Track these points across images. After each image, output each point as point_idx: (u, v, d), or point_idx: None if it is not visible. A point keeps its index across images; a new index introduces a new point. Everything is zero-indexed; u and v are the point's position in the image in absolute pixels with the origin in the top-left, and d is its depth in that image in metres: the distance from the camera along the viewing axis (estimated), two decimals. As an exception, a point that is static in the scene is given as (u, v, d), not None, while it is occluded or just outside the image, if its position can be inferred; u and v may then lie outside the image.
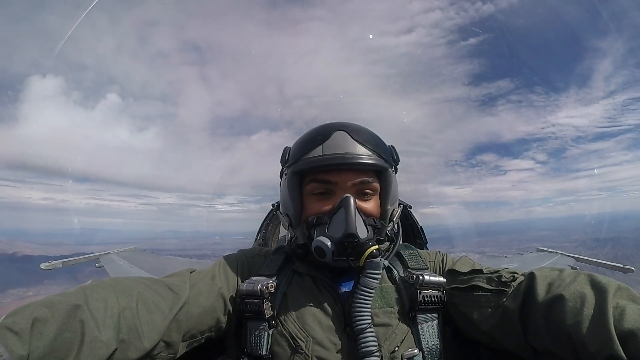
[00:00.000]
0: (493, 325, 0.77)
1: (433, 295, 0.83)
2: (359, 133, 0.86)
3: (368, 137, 0.88)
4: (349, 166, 0.83)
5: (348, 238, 0.77)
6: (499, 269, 0.83)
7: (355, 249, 0.77)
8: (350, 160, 0.82)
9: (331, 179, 0.83)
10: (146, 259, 3.79)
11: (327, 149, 0.83)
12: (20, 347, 0.49)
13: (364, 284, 0.78)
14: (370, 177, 0.86)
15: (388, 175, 0.88)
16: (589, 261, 3.38)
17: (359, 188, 0.84)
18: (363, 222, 0.82)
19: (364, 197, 0.86)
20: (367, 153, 0.84)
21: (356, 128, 0.88)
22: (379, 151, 0.87)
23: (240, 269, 0.93)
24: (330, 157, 0.82)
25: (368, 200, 0.86)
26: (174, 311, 0.73)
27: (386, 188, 0.88)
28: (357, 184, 0.84)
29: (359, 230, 0.78)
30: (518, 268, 0.84)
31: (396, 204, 0.92)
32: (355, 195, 0.83)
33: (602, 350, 0.56)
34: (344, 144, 0.83)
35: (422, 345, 0.80)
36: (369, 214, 0.85)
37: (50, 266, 3.29)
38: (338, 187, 0.84)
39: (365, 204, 0.85)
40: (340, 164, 0.82)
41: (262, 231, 1.95)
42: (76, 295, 0.62)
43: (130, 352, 0.64)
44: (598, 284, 0.64)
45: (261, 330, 0.81)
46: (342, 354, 0.77)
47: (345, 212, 0.79)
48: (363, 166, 0.84)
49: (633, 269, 2.87)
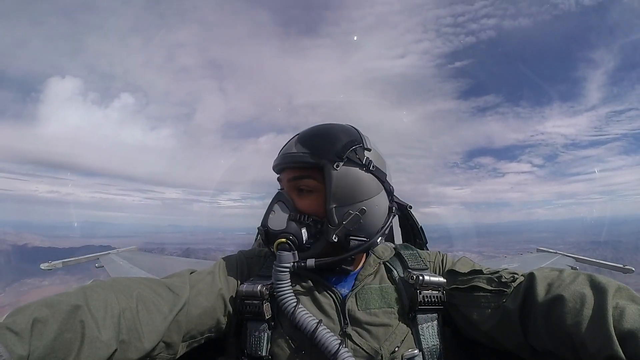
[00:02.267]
0: (493, 325, 0.77)
1: (433, 296, 0.83)
2: (306, 136, 0.89)
3: (311, 138, 0.88)
4: (283, 164, 0.89)
5: (262, 228, 0.85)
6: (499, 270, 0.83)
7: (269, 239, 0.84)
8: (282, 159, 0.88)
9: (280, 177, 0.92)
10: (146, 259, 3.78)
11: (280, 152, 0.92)
12: (20, 347, 0.49)
13: (274, 276, 0.80)
14: (304, 174, 0.85)
15: (327, 172, 0.82)
16: (589, 261, 3.37)
17: (294, 184, 0.87)
18: (288, 217, 0.83)
19: (299, 194, 0.87)
20: (297, 152, 0.87)
21: (309, 131, 0.91)
22: (314, 149, 0.84)
23: (240, 269, 0.93)
24: (277, 158, 0.91)
25: (303, 197, 0.86)
26: (174, 312, 0.73)
27: (327, 186, 0.82)
28: (291, 180, 0.87)
29: (272, 222, 0.83)
30: (518, 268, 0.84)
31: (356, 205, 0.83)
32: (293, 192, 0.87)
33: (601, 350, 0.56)
34: (288, 147, 0.90)
35: (422, 346, 0.79)
36: (302, 211, 0.85)
37: (50, 266, 3.28)
38: (283, 184, 0.90)
39: (300, 201, 0.86)
40: (277, 163, 0.90)
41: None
42: (76, 295, 0.62)
43: (130, 353, 0.64)
44: (598, 284, 0.64)
45: (261, 331, 0.81)
46: None
47: (269, 204, 0.87)
48: (291, 164, 0.87)
49: (633, 269, 2.87)
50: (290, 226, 0.82)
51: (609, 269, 3.10)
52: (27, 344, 0.50)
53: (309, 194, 0.85)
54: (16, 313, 0.54)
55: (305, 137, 0.89)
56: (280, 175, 0.92)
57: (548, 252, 3.91)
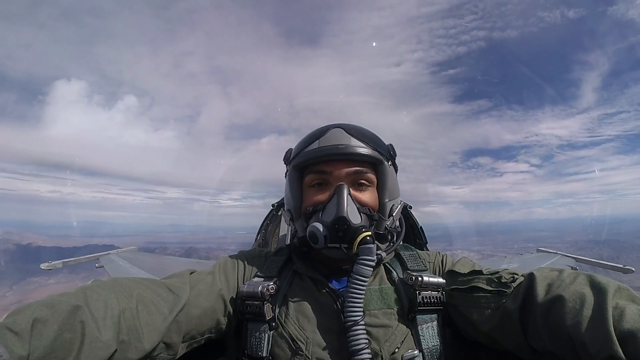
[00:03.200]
0: (493, 326, 0.77)
1: (432, 296, 0.83)
2: (354, 129, 0.90)
3: (363, 132, 0.90)
4: (342, 156, 0.86)
5: (339, 221, 0.78)
6: (498, 270, 0.82)
7: (347, 234, 0.78)
8: (343, 151, 0.85)
9: (326, 169, 0.86)
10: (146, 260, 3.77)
11: (323, 142, 0.87)
12: (20, 347, 0.49)
13: (357, 271, 0.77)
14: (365, 168, 0.87)
15: (384, 168, 0.89)
16: (589, 261, 3.37)
17: (354, 178, 0.86)
18: (357, 210, 0.83)
19: (359, 188, 0.87)
20: (360, 145, 0.86)
21: (352, 125, 0.91)
22: (374, 144, 0.88)
23: (240, 270, 0.93)
24: (325, 148, 0.86)
25: (363, 191, 0.88)
26: (174, 312, 0.73)
27: (383, 180, 0.89)
28: (352, 174, 0.86)
29: (351, 214, 0.80)
30: (518, 268, 0.84)
31: (396, 200, 0.93)
32: (351, 185, 0.86)
33: (601, 350, 0.56)
34: (339, 138, 0.87)
35: (422, 346, 0.79)
36: (364, 204, 0.86)
37: (50, 266, 3.27)
38: (333, 177, 0.86)
39: (361, 194, 0.86)
40: (334, 154, 0.86)
41: (262, 231, 1.94)
42: (76, 295, 0.62)
43: (130, 353, 0.64)
44: (598, 285, 0.64)
45: (262, 332, 0.81)
46: (342, 355, 0.77)
47: (337, 197, 0.81)
48: (356, 156, 0.86)
49: (633, 269, 2.86)
50: (364, 220, 0.83)
51: (608, 269, 3.09)
52: (27, 344, 0.50)
53: (367, 187, 0.88)
54: (16, 313, 0.54)
55: (357, 132, 0.89)
56: (325, 166, 0.87)
57: (548, 252, 3.91)
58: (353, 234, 0.78)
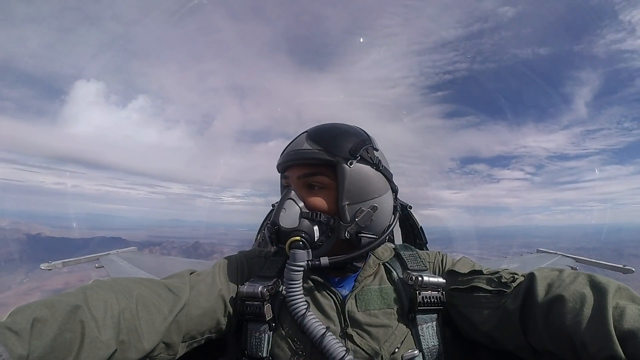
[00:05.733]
0: (493, 326, 0.77)
1: (432, 296, 0.83)
2: (315, 132, 0.89)
3: (322, 135, 0.87)
4: (293, 162, 0.87)
5: (272, 225, 0.82)
6: (498, 270, 0.82)
7: (280, 238, 0.81)
8: (292, 156, 0.87)
9: (287, 174, 0.89)
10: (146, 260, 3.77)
11: (287, 149, 0.90)
12: (20, 347, 0.49)
13: (286, 275, 0.79)
14: (316, 171, 0.85)
15: (340, 169, 0.83)
16: (589, 262, 3.36)
17: (304, 181, 0.86)
18: (299, 214, 0.82)
19: (309, 191, 0.86)
20: (308, 148, 0.85)
21: (320, 128, 0.90)
22: (328, 146, 0.84)
23: (240, 270, 0.93)
24: (284, 155, 0.90)
25: (314, 194, 0.85)
26: (174, 313, 0.73)
27: (340, 182, 0.83)
28: (302, 177, 0.86)
29: (283, 219, 0.81)
30: (518, 268, 0.84)
31: (367, 203, 0.85)
32: (302, 189, 0.86)
33: (601, 350, 0.56)
34: (298, 143, 0.88)
35: (422, 346, 0.79)
36: (313, 208, 0.84)
37: (50, 266, 3.26)
38: (291, 182, 0.88)
39: (311, 198, 0.85)
40: (286, 160, 0.88)
41: (262, 231, 1.94)
42: (76, 295, 0.62)
43: (130, 353, 0.64)
44: (598, 284, 0.64)
45: (262, 333, 0.81)
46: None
47: (279, 201, 0.84)
48: (302, 161, 0.86)
49: (633, 269, 2.85)
50: (303, 224, 0.82)
51: (608, 269, 3.09)
52: (27, 343, 0.50)
53: (320, 190, 0.86)
54: (16, 313, 0.54)
55: (316, 134, 0.88)
56: (287, 172, 0.90)
57: (548, 252, 3.90)
58: (285, 237, 0.80)
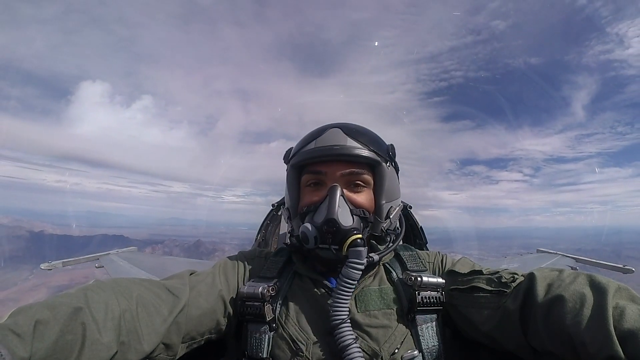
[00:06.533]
0: (493, 326, 0.77)
1: (432, 297, 0.83)
2: (352, 129, 0.89)
3: (361, 132, 0.89)
4: (337, 157, 0.85)
5: (328, 223, 0.78)
6: (498, 270, 0.83)
7: (337, 236, 0.78)
8: (338, 152, 0.85)
9: (321, 170, 0.87)
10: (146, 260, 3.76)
11: (319, 142, 0.87)
12: (22, 349, 0.49)
13: (345, 274, 0.76)
14: (361, 169, 0.86)
15: (381, 169, 0.88)
16: (589, 262, 3.36)
17: (349, 179, 0.86)
18: (349, 212, 0.82)
19: (354, 189, 0.87)
20: (356, 145, 0.86)
21: (351, 125, 0.91)
22: (371, 145, 0.87)
23: (240, 271, 0.93)
24: (320, 149, 0.86)
25: (359, 192, 0.87)
26: (174, 314, 0.73)
27: (380, 182, 0.88)
28: (347, 175, 0.86)
29: (341, 217, 0.79)
30: (518, 268, 0.84)
31: (395, 202, 0.92)
32: (345, 186, 0.86)
33: (601, 350, 0.56)
34: (335, 138, 0.87)
35: (422, 347, 0.79)
36: (358, 205, 0.85)
37: (50, 266, 3.26)
38: (328, 178, 0.86)
39: (355, 196, 0.86)
40: (328, 154, 0.86)
41: (262, 231, 1.94)
42: (77, 297, 0.62)
43: (130, 355, 0.64)
44: (598, 285, 0.64)
45: (262, 333, 0.81)
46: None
47: (329, 198, 0.81)
48: (351, 157, 0.85)
49: (633, 269, 2.85)
50: (356, 222, 0.83)
51: (608, 269, 3.09)
52: (29, 345, 0.50)
53: (363, 188, 0.87)
54: (17, 314, 0.54)
55: (356, 132, 0.88)
56: (321, 167, 0.87)
57: (548, 252, 3.91)
58: (343, 236, 0.78)
